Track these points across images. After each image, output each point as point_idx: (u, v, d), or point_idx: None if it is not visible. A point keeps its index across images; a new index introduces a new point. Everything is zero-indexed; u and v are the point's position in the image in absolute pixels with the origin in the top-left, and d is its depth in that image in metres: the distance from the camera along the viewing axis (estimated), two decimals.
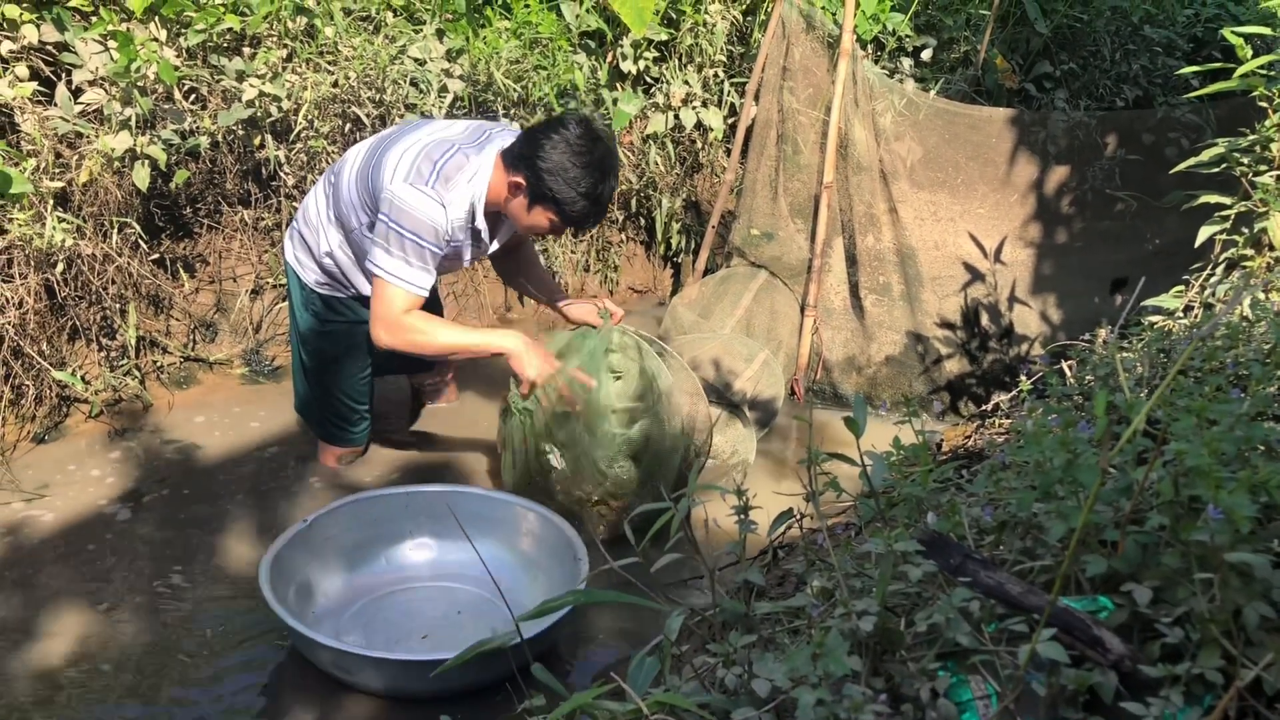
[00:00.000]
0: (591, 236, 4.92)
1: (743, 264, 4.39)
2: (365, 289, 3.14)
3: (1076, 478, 1.32)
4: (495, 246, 3.18)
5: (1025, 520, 1.45)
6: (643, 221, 5.11)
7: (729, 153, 4.82)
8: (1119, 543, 1.27)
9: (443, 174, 2.86)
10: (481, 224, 2.98)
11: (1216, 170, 2.99)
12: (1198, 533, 1.16)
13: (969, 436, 3.27)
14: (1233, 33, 2.88)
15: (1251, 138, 2.92)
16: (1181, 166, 3.04)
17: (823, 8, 4.92)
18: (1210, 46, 5.78)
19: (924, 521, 1.50)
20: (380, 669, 2.42)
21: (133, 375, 3.78)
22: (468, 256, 3.11)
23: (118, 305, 3.78)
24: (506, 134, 3.04)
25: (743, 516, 1.41)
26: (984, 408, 3.56)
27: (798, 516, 1.61)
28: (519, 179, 2.84)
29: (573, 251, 4.86)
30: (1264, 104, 2.89)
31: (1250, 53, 2.87)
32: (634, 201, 4.99)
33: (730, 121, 5.03)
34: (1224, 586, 1.13)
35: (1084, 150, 4.71)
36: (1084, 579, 1.30)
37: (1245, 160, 2.94)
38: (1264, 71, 2.88)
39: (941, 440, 3.29)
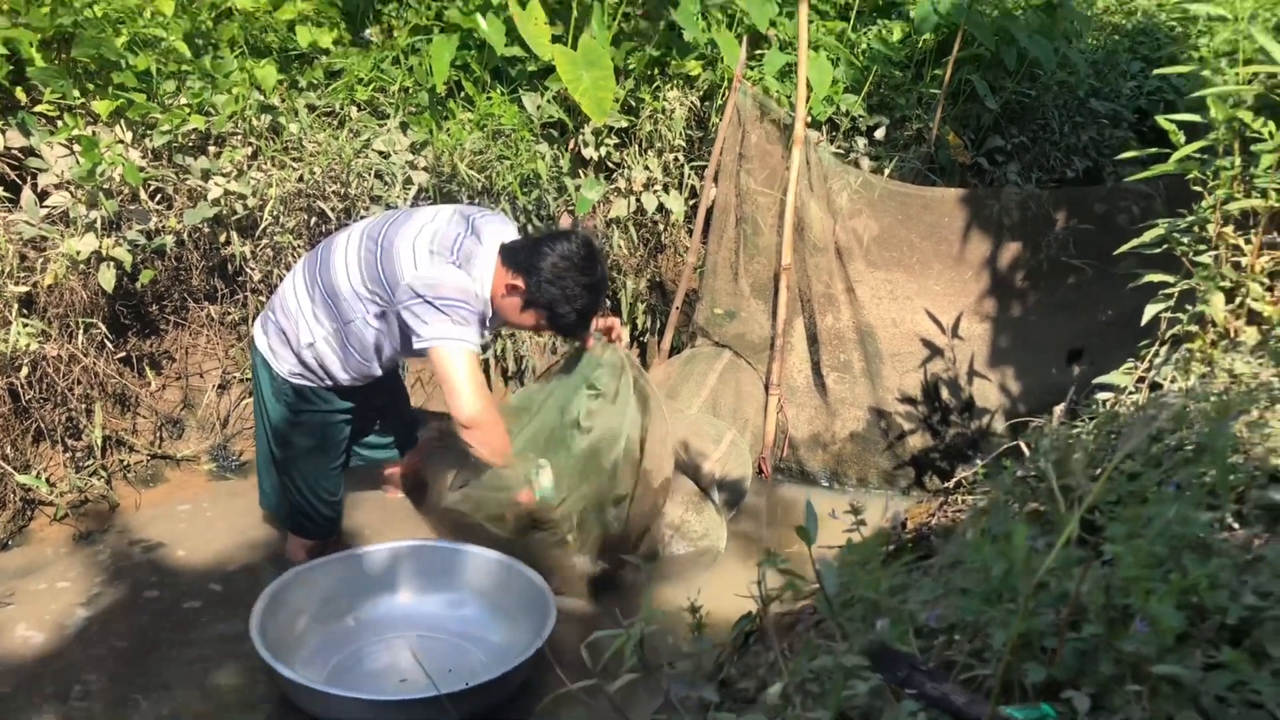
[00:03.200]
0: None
1: (707, 344, 4.45)
2: (343, 378, 3.20)
3: (1015, 585, 1.36)
4: (489, 335, 3.31)
5: (972, 623, 1.48)
6: (608, 303, 5.17)
7: (691, 233, 4.91)
8: (1058, 649, 1.31)
9: (462, 254, 3.00)
10: (487, 313, 3.09)
11: (1159, 251, 3.09)
12: (1128, 642, 1.20)
13: (933, 514, 3.31)
14: (1166, 119, 2.99)
15: (1189, 219, 3.02)
16: (1125, 248, 3.13)
17: (777, 92, 5.06)
18: (1154, 115, 5.96)
19: (874, 629, 1.53)
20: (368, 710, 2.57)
21: (99, 475, 3.77)
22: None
23: (83, 405, 3.78)
24: (489, 219, 3.16)
25: (696, 633, 1.44)
26: (947, 484, 3.61)
27: (756, 622, 1.64)
28: (518, 282, 2.99)
29: (539, 334, 4.91)
30: (1198, 188, 2.99)
31: (1183, 138, 2.98)
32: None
33: (691, 203, 5.13)
34: (1154, 696, 1.16)
35: (1037, 221, 4.83)
36: (1028, 685, 1.33)
37: (1185, 240, 3.04)
38: (1198, 155, 2.98)
39: (906, 519, 3.33)
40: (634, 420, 3.23)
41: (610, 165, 5.11)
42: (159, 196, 4.01)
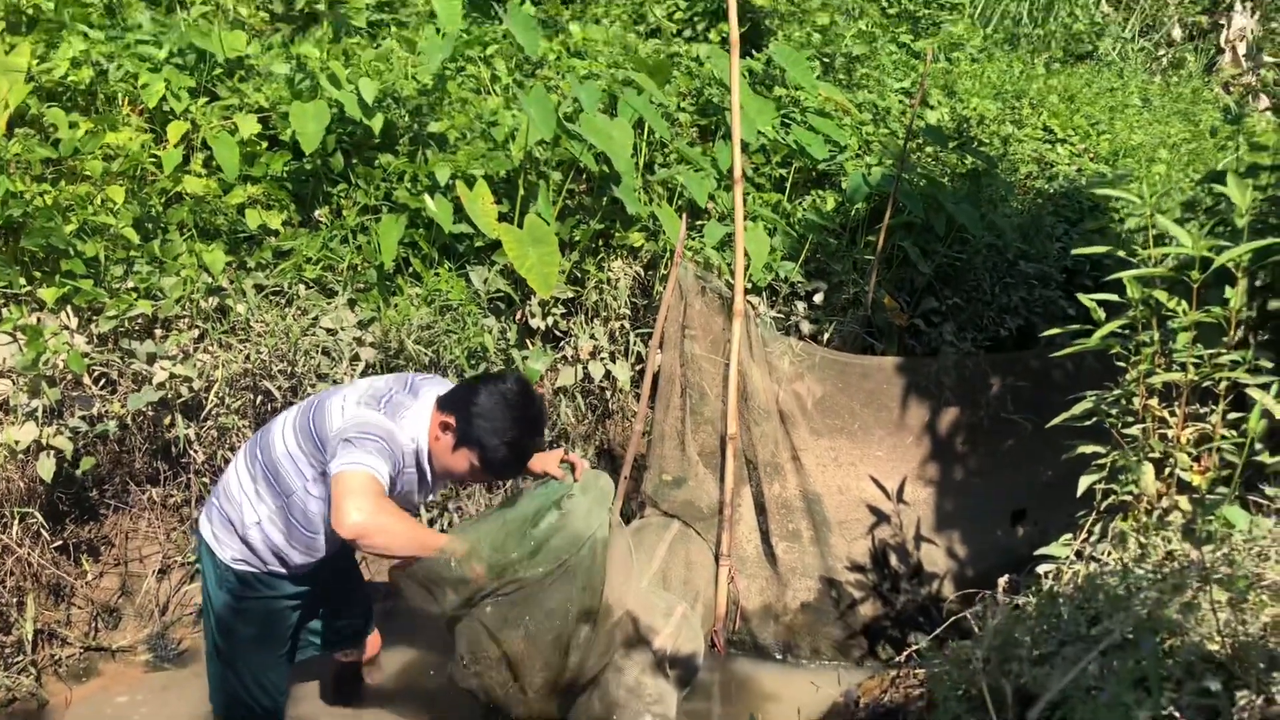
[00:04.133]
0: (505, 489, 4.96)
1: (656, 514, 4.45)
2: (291, 556, 3.14)
3: None
4: (435, 495, 3.29)
5: None
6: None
7: (639, 398, 4.97)
8: None
9: (391, 404, 3.00)
10: (426, 466, 3.07)
11: (1089, 423, 3.18)
12: None
13: (885, 690, 3.29)
14: (1086, 298, 3.13)
15: (1116, 392, 3.13)
16: (1056, 420, 3.23)
17: (718, 263, 5.21)
18: (1081, 276, 6.20)
19: None
20: None
21: (27, 672, 3.64)
22: (417, 499, 3.20)
23: (14, 598, 3.68)
24: (433, 381, 3.18)
25: None
26: (899, 658, 3.60)
27: None
28: (449, 419, 3.00)
29: (487, 506, 4.88)
30: (1121, 363, 3.11)
31: (1104, 315, 3.11)
32: None
33: (638, 368, 5.20)
34: None
35: (974, 382, 4.97)
36: None
37: (1113, 412, 3.14)
38: (1120, 331, 3.11)
39: (859, 696, 3.30)
40: (602, 536, 3.18)
41: (557, 334, 5.19)
42: (103, 381, 4.00)
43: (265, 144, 4.73)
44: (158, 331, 4.15)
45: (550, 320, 5.05)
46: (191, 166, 4.55)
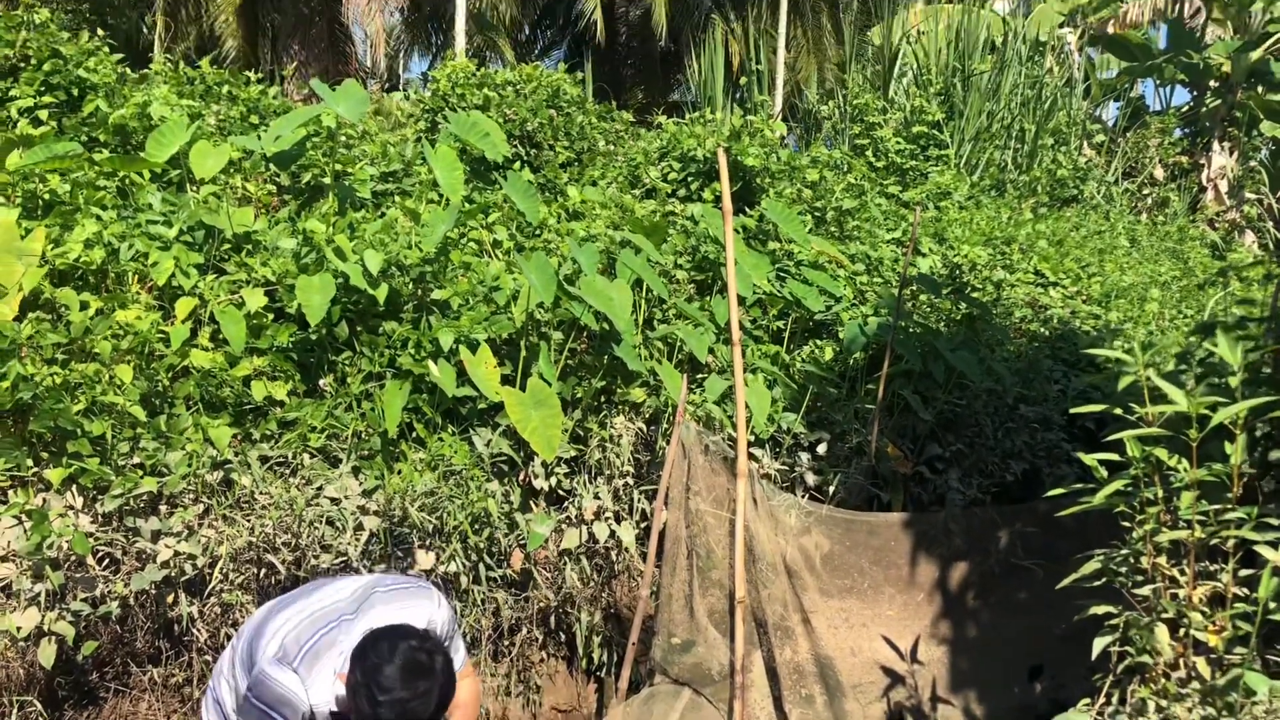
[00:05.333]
0: (512, 657, 4.89)
1: (665, 681, 4.37)
2: None
3: None
4: None
5: None
6: (563, 637, 5.10)
7: (644, 557, 4.93)
8: None
9: (311, 653, 2.82)
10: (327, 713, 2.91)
11: (1099, 584, 3.15)
12: None
13: None
14: (1087, 456, 3.14)
15: (1124, 551, 3.11)
16: (1066, 581, 3.20)
17: (719, 418, 5.25)
18: (1083, 417, 6.23)
19: None
20: None
21: None
22: None
23: None
24: (392, 597, 3.03)
25: None
26: None
27: None
28: (345, 672, 2.77)
29: (492, 675, 4.80)
30: (1126, 523, 3.10)
31: (1105, 473, 3.12)
32: (553, 618, 5.01)
33: (644, 525, 5.18)
34: None
35: (983, 531, 4.94)
36: None
37: (1123, 571, 3.11)
38: (1124, 488, 3.11)
39: None
40: None
41: (561, 494, 5.18)
42: (106, 561, 3.98)
43: (271, 316, 4.83)
44: (162, 508, 4.15)
45: (554, 480, 5.05)
46: (199, 340, 4.63)
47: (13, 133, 5.43)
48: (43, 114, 5.97)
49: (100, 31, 7.11)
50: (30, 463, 3.89)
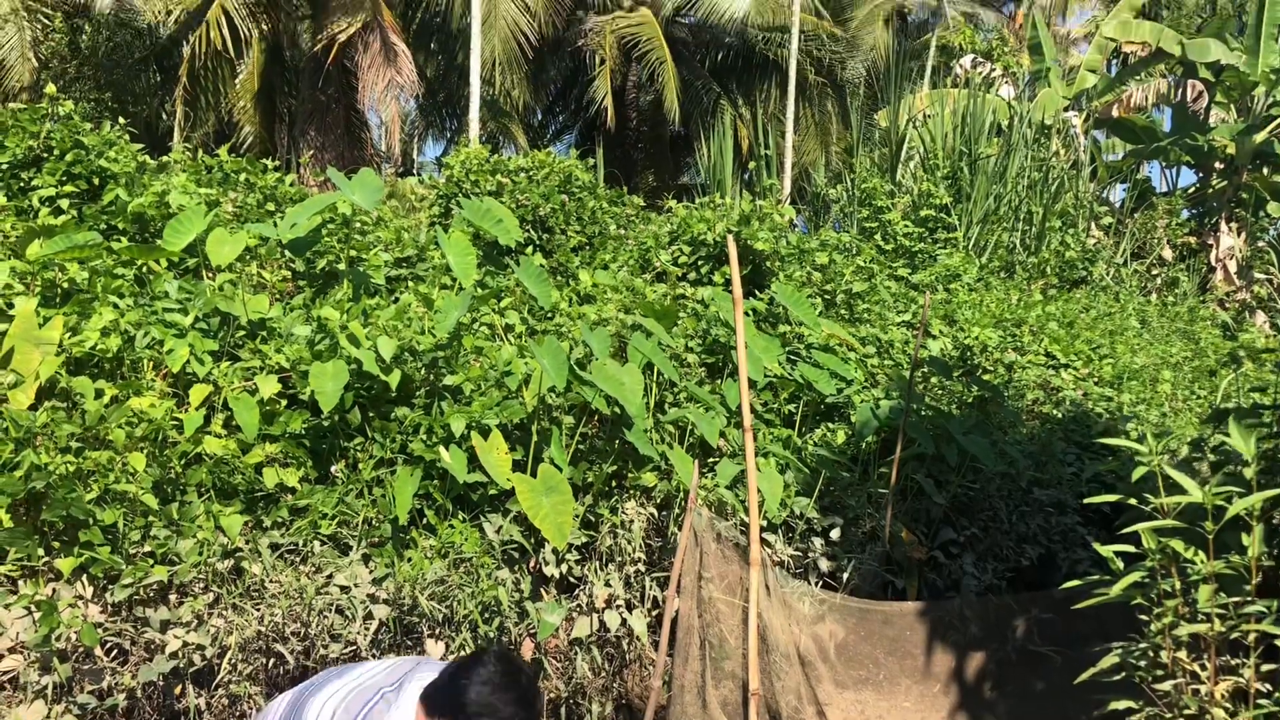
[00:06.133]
0: None
1: None
2: None
3: None
4: None
5: None
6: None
7: (656, 645, 4.86)
8: None
9: (370, 716, 2.85)
10: None
11: (1119, 678, 3.10)
12: None
13: None
14: (1101, 548, 3.11)
15: (1143, 645, 3.06)
16: (1085, 676, 3.15)
17: (731, 503, 5.22)
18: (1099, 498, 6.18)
19: None
20: None
21: None
22: None
23: None
24: (424, 669, 3.06)
25: None
26: None
27: None
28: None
29: None
30: (1143, 615, 3.06)
31: (1121, 564, 3.09)
32: (564, 709, 4.93)
33: (655, 613, 5.12)
34: None
35: (1000, 614, 4.87)
36: None
37: (1142, 665, 3.06)
38: (1141, 580, 3.08)
39: None
40: None
41: (572, 580, 5.14)
42: (114, 652, 3.95)
43: (285, 402, 4.85)
44: (172, 596, 4.13)
45: (565, 567, 5.02)
46: (212, 427, 4.65)
47: (34, 222, 5.53)
48: (64, 203, 6.08)
49: (121, 120, 7.28)
50: (41, 552, 3.88)
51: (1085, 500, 3.31)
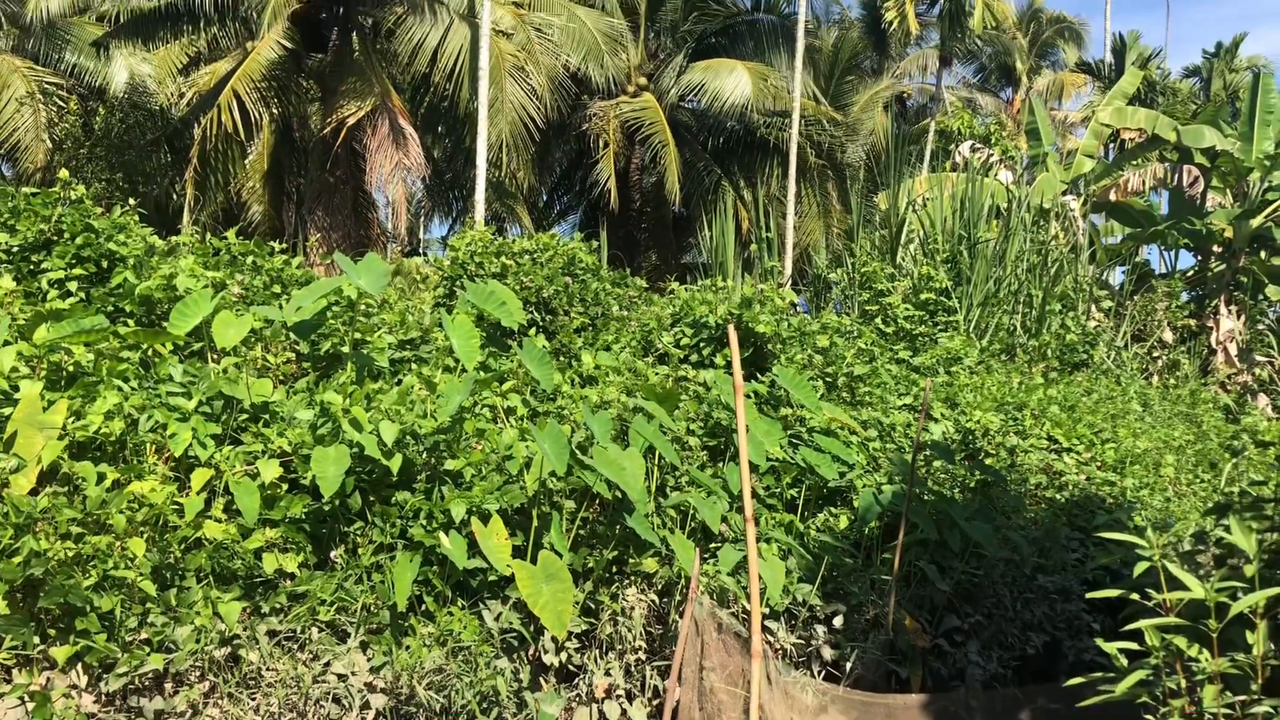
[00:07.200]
0: None
1: None
2: None
3: None
4: None
5: None
6: None
7: None
8: None
9: None
10: None
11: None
12: None
13: None
14: (1105, 644, 3.09)
15: None
16: (1092, 699, 3.10)
17: (733, 590, 5.18)
18: (1102, 586, 6.12)
19: None
20: None
21: None
22: None
23: None
24: None
25: None
26: None
27: None
28: None
29: None
30: (1149, 716, 3.03)
31: (1125, 661, 3.06)
32: None
33: (656, 703, 5.05)
34: None
35: (1006, 705, 4.81)
36: None
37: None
38: (1146, 678, 3.05)
39: None
40: None
41: (571, 669, 5.08)
42: None
43: (285, 486, 4.85)
44: (167, 685, 4.08)
45: (564, 656, 4.96)
46: (213, 511, 4.64)
47: (42, 306, 5.59)
48: (72, 285, 6.14)
49: (131, 201, 7.38)
50: (37, 640, 3.85)
51: (1089, 595, 3.28)
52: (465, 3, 18.14)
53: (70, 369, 4.98)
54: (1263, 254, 13.95)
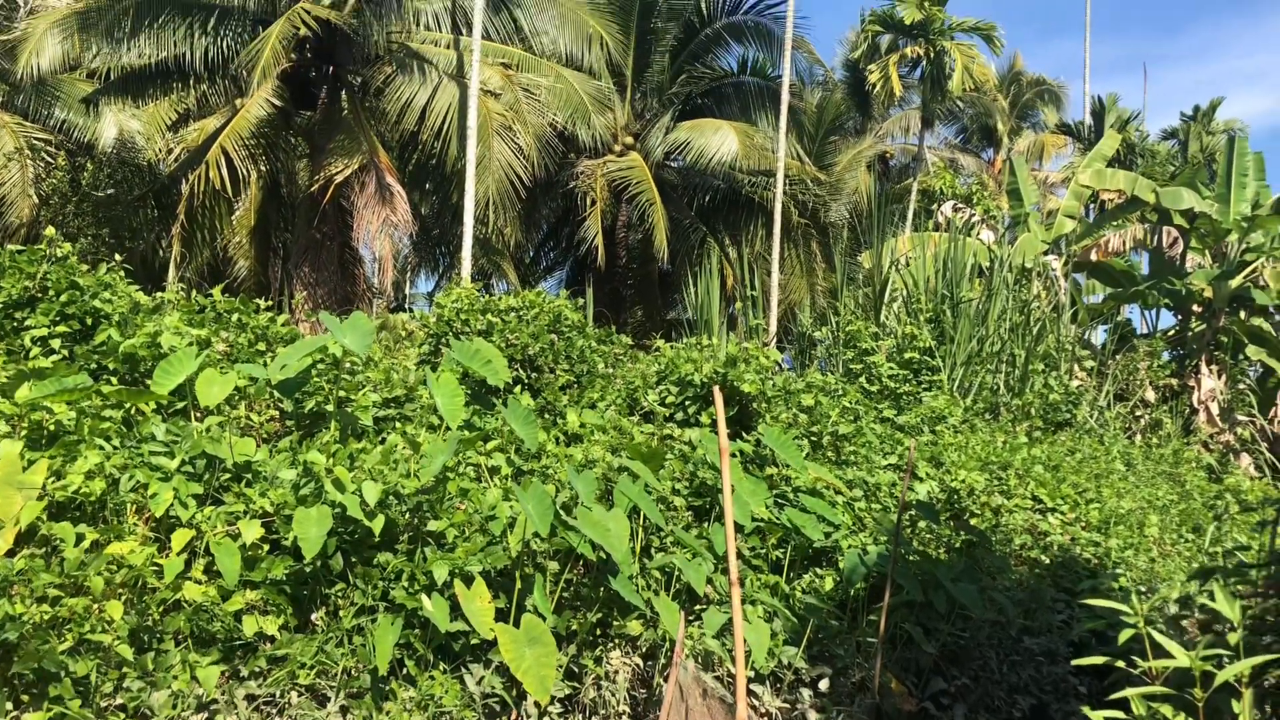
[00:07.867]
0: None
1: None
2: None
3: None
4: None
5: None
6: None
7: None
8: None
9: None
10: None
11: None
12: None
13: None
14: (1091, 713, 3.07)
15: None
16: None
17: (721, 648, 5.14)
18: (1088, 650, 6.10)
19: None
20: None
21: None
22: None
23: None
24: None
25: None
26: None
27: None
28: None
29: None
30: None
31: None
32: None
33: None
34: None
35: None
36: None
37: None
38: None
39: None
40: None
41: None
42: None
43: (267, 547, 4.80)
44: None
45: None
46: (192, 573, 4.58)
47: (25, 364, 5.56)
48: (55, 342, 6.12)
49: (117, 257, 7.38)
50: (10, 705, 3.78)
51: (1075, 662, 3.26)
52: (454, 63, 18.34)
53: (51, 428, 4.94)
54: (1242, 314, 14.10)
